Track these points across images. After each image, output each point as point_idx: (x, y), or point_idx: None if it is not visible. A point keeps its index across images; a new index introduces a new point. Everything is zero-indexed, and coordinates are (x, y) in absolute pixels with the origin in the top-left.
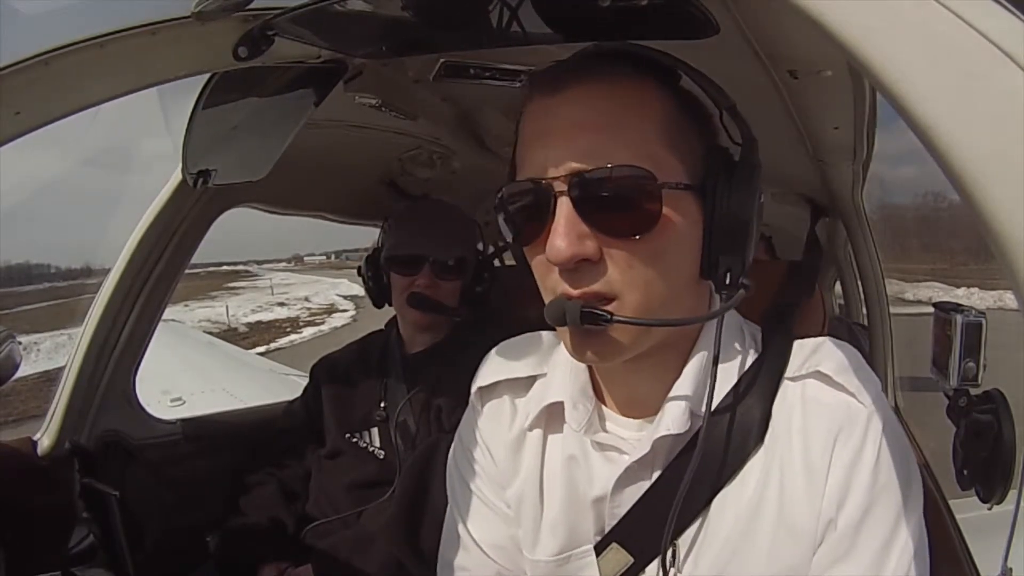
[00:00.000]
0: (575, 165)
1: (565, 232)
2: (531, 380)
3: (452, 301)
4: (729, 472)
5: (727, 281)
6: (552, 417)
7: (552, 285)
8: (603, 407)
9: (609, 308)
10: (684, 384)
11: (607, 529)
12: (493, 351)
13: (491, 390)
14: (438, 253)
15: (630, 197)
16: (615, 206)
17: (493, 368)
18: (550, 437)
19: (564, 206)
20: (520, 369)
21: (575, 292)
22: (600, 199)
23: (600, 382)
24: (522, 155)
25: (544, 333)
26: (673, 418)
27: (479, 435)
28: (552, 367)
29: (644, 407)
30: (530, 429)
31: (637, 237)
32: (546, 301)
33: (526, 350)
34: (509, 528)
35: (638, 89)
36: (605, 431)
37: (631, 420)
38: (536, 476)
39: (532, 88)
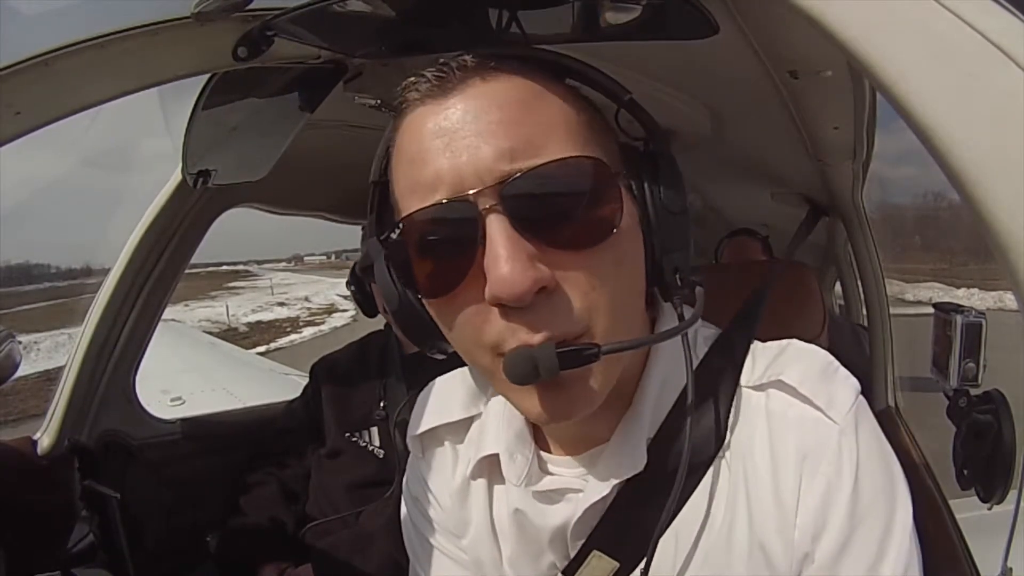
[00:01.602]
0: (503, 168)
1: (511, 255)
2: (468, 422)
3: None
4: (687, 488)
5: (678, 283)
6: (493, 466)
7: (494, 338)
8: (542, 451)
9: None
10: (637, 415)
11: (573, 555)
12: (424, 393)
13: (430, 436)
14: None
15: (585, 195)
16: (566, 211)
17: (427, 413)
18: (495, 487)
19: (496, 224)
20: (454, 411)
21: (537, 338)
22: (545, 206)
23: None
24: (407, 184)
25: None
26: (633, 457)
27: (424, 485)
28: (488, 407)
29: (589, 442)
30: (473, 479)
31: (596, 246)
32: (485, 361)
33: (457, 389)
34: (471, 574)
35: (539, 83)
36: (549, 473)
37: (571, 458)
38: (487, 527)
39: (409, 96)
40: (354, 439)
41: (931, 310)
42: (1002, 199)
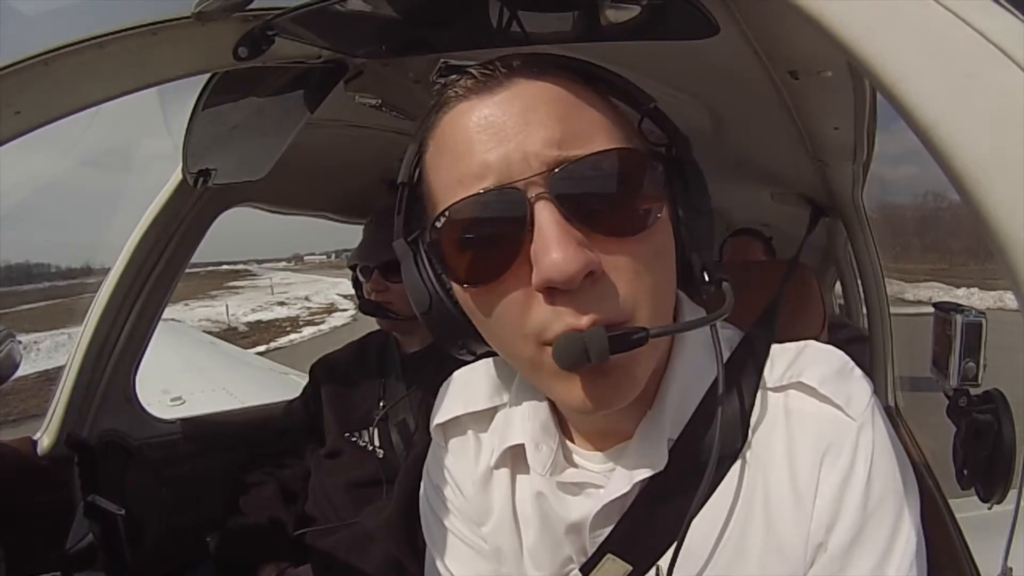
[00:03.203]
0: (552, 154)
1: (561, 241)
2: (492, 412)
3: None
4: (708, 489)
5: (705, 280)
6: (517, 456)
7: (539, 325)
8: (567, 442)
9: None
10: (659, 412)
11: (590, 553)
12: (448, 383)
13: (453, 425)
14: (380, 257)
15: (630, 185)
16: (612, 199)
17: (451, 402)
18: (518, 476)
19: (545, 211)
20: (479, 401)
21: (584, 320)
22: (593, 194)
23: (567, 416)
24: (451, 176)
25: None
26: (655, 456)
27: (447, 473)
28: (513, 397)
29: (614, 437)
30: (496, 468)
31: (640, 235)
32: (527, 351)
33: (482, 379)
34: (490, 564)
35: (580, 86)
36: (574, 466)
37: (598, 453)
38: (509, 515)
39: (451, 93)
40: (353, 439)
41: (931, 309)
42: (1002, 199)
